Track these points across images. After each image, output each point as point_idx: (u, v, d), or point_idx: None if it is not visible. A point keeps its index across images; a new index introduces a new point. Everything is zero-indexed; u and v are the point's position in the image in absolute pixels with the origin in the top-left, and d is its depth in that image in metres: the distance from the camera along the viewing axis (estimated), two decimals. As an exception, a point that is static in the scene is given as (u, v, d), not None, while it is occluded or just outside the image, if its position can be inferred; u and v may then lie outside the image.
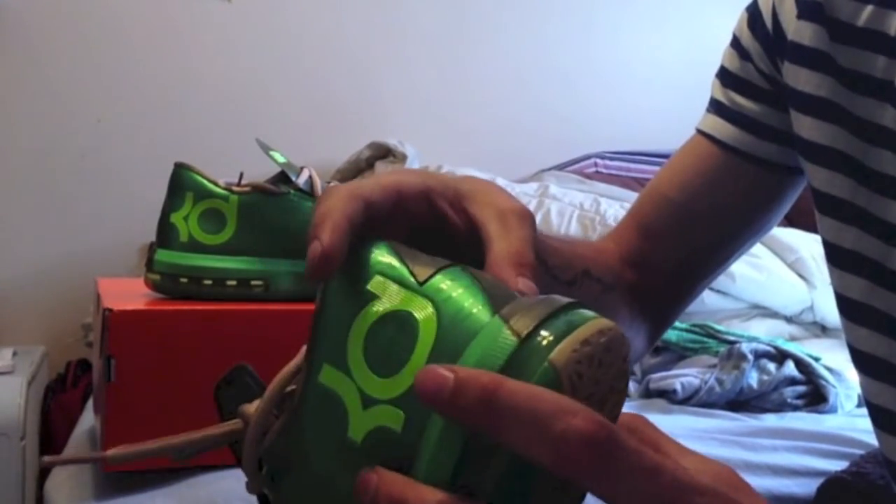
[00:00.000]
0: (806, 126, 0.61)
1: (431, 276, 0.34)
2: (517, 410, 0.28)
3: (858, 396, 1.28)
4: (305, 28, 2.06)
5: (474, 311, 0.32)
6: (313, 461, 0.35)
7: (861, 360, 0.61)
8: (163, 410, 0.81)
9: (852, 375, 1.33)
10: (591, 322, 0.31)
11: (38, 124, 1.89)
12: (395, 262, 0.35)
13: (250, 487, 0.38)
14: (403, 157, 1.95)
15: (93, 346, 1.13)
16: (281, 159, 0.89)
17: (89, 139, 1.92)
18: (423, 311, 0.33)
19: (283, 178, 0.88)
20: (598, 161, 2.13)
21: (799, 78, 0.61)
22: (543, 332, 0.31)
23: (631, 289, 0.66)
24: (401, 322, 0.33)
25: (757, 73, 0.66)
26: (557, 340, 0.30)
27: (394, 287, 0.34)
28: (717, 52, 0.71)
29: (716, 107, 0.69)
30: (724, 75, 0.69)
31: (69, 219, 1.91)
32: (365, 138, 1.99)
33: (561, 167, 2.10)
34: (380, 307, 0.34)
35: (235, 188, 0.87)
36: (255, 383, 0.41)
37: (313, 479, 0.35)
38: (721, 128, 0.67)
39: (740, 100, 0.67)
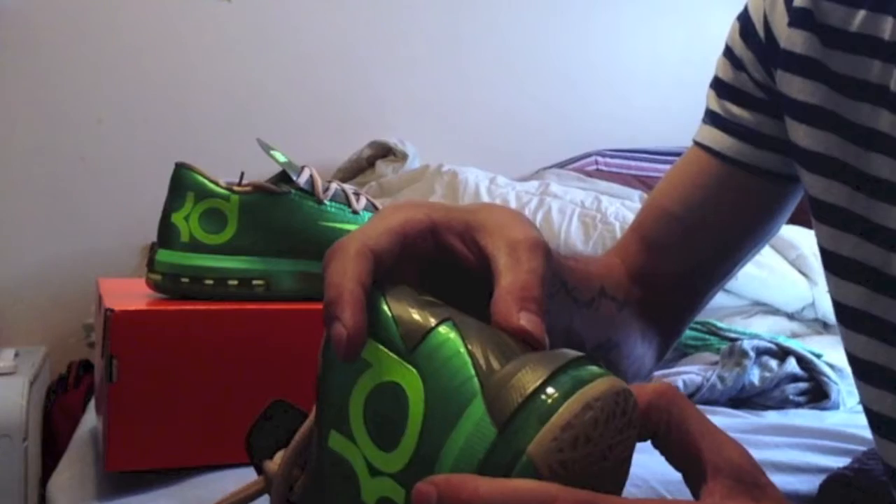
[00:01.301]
0: (801, 134, 0.60)
1: (421, 341, 0.33)
2: None
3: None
4: (305, 28, 2.06)
5: (460, 389, 0.31)
6: None
7: (860, 367, 0.61)
8: (165, 410, 0.81)
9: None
10: (572, 400, 0.30)
11: (38, 124, 1.89)
12: (388, 324, 0.34)
13: None
14: (404, 156, 1.95)
15: (94, 347, 1.13)
16: (282, 159, 0.88)
17: (89, 139, 1.92)
18: (412, 384, 0.32)
19: (283, 177, 0.88)
20: (599, 159, 2.13)
21: (792, 86, 0.61)
22: (521, 420, 0.30)
23: (639, 303, 0.66)
24: (393, 394, 0.33)
25: (751, 82, 0.65)
26: (536, 429, 0.30)
27: (385, 353, 0.34)
28: (717, 49, 0.70)
29: (712, 118, 0.68)
30: (719, 85, 0.68)
31: (70, 219, 1.91)
32: (365, 137, 1.99)
33: (562, 165, 2.10)
34: (374, 377, 0.33)
35: (236, 188, 0.87)
36: (291, 418, 0.40)
37: None
38: (718, 139, 0.67)
39: (736, 110, 0.66)
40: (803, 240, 1.64)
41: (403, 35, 2.14)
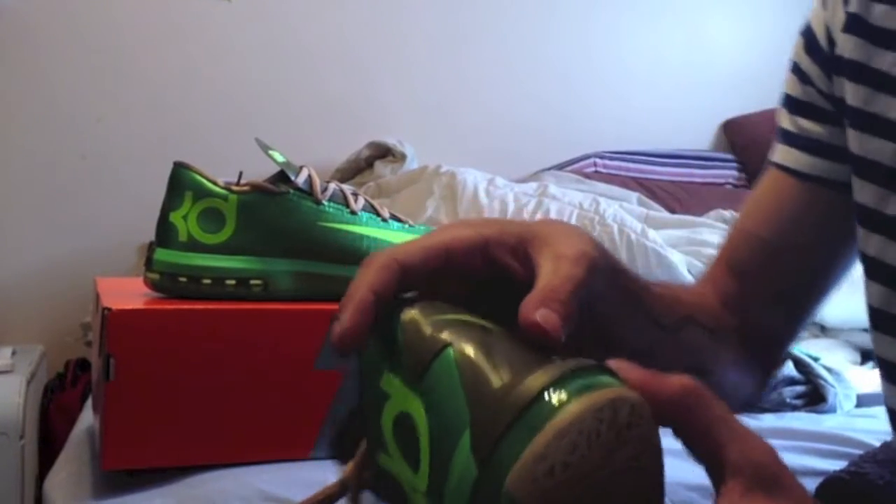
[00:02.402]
0: (852, 140, 0.60)
1: (426, 370, 0.34)
2: None
3: (857, 396, 1.28)
4: (305, 28, 2.06)
5: (454, 421, 0.32)
6: None
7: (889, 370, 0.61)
8: (162, 409, 0.81)
9: (851, 375, 1.33)
10: (546, 429, 0.30)
11: (38, 124, 1.89)
12: (400, 353, 0.36)
13: None
14: (403, 157, 1.95)
15: (92, 346, 1.13)
16: (280, 159, 0.89)
17: (89, 139, 1.92)
18: (418, 414, 0.34)
19: (282, 177, 0.88)
20: (598, 161, 2.14)
21: (846, 91, 0.61)
22: (501, 453, 0.30)
23: (734, 331, 0.65)
24: (408, 422, 0.34)
25: (819, 95, 0.65)
26: (512, 462, 0.30)
27: (398, 384, 0.35)
28: (716, 51, 0.71)
29: (784, 136, 0.68)
30: (789, 102, 0.68)
31: (68, 218, 1.91)
32: (364, 138, 1.99)
33: (560, 167, 2.10)
34: (394, 407, 0.35)
35: (235, 187, 0.87)
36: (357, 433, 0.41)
37: None
38: (793, 157, 0.66)
39: (807, 124, 0.66)
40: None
41: (403, 36, 2.14)
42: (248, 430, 0.84)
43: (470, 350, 0.34)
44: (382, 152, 1.98)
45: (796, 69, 0.67)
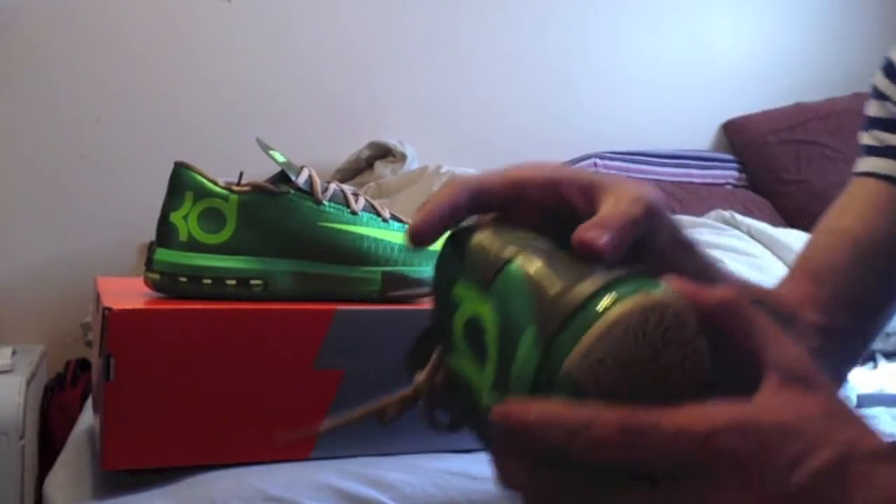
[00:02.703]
0: None
1: (495, 277, 0.38)
2: (551, 434, 0.33)
3: (857, 396, 1.28)
4: (305, 28, 2.06)
5: (520, 318, 0.36)
6: (468, 419, 0.42)
7: None
8: (162, 409, 0.81)
9: (851, 375, 1.32)
10: (603, 319, 0.34)
11: (37, 124, 1.89)
12: (472, 263, 0.40)
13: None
14: (403, 157, 1.95)
15: (92, 346, 1.13)
16: (281, 159, 0.88)
17: (89, 139, 1.92)
18: (488, 315, 0.38)
19: (282, 177, 0.88)
20: (598, 161, 2.14)
21: None
22: (560, 340, 0.34)
23: (815, 328, 0.66)
24: (478, 323, 0.39)
25: None
26: (571, 349, 0.33)
27: (470, 290, 0.39)
28: (716, 51, 0.72)
29: (868, 150, 0.72)
30: (870, 123, 0.73)
31: (69, 218, 1.91)
32: (364, 138, 1.99)
33: (561, 167, 2.10)
34: (465, 311, 0.40)
35: (235, 187, 0.87)
36: (431, 346, 0.46)
37: (473, 431, 0.42)
38: (880, 165, 0.70)
39: (888, 136, 0.71)
40: (801, 244, 1.64)
41: (403, 36, 2.14)
42: (249, 430, 0.84)
43: (535, 261, 0.38)
44: (383, 152, 1.98)
45: (876, 93, 0.72)
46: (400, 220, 0.93)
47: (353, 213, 0.89)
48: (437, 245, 0.44)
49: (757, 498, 0.32)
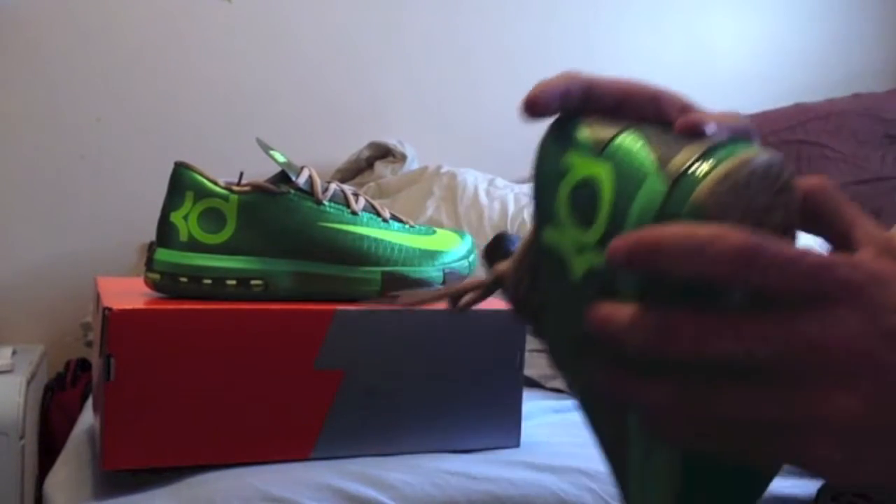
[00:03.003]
0: None
1: (609, 142, 0.41)
2: (679, 249, 0.34)
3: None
4: (305, 28, 2.06)
5: (640, 165, 0.39)
6: (554, 302, 0.45)
7: None
8: (162, 409, 0.81)
9: None
10: (733, 157, 0.37)
11: (38, 124, 1.89)
12: (584, 135, 0.43)
13: (524, 323, 0.50)
14: (403, 157, 1.95)
15: (92, 346, 1.13)
16: (281, 159, 0.89)
17: (89, 139, 1.92)
18: (602, 174, 0.40)
19: (283, 177, 0.88)
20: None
21: None
22: (688, 175, 0.37)
23: None
24: (589, 185, 0.41)
25: None
26: (699, 181, 0.36)
27: (580, 158, 0.42)
28: (715, 52, 0.71)
29: None
30: None
31: (69, 218, 1.91)
32: (365, 138, 1.99)
33: (561, 167, 2.10)
34: (573, 176, 0.42)
35: (235, 187, 0.87)
36: (511, 246, 0.50)
37: (556, 314, 0.45)
38: None
39: None
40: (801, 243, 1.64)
41: (403, 36, 2.14)
42: (249, 430, 0.84)
43: (651, 126, 0.42)
44: (383, 153, 1.98)
45: None
46: (400, 221, 0.93)
47: (354, 213, 0.89)
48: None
49: (867, 331, 0.34)
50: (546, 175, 0.45)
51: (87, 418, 1.09)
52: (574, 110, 0.44)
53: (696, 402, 0.36)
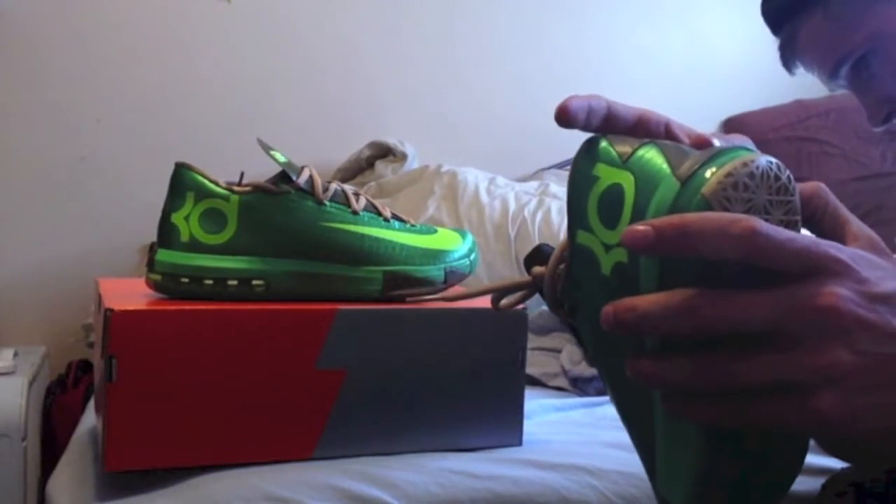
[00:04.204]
0: None
1: (631, 155, 0.47)
2: (702, 230, 0.39)
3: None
4: (305, 28, 2.06)
5: (657, 172, 0.45)
6: (587, 296, 0.50)
7: None
8: (164, 410, 0.81)
9: None
10: (736, 158, 0.42)
11: (38, 124, 1.89)
12: (609, 150, 0.49)
13: (561, 320, 0.56)
14: (403, 157, 1.95)
15: (94, 347, 1.13)
16: (282, 159, 0.88)
17: (89, 139, 1.92)
18: (626, 181, 0.46)
19: (283, 177, 0.88)
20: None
21: None
22: (698, 175, 0.42)
23: None
24: (615, 191, 0.47)
25: None
26: (707, 179, 0.41)
27: (608, 168, 0.48)
28: (713, 51, 0.71)
29: None
30: None
31: (69, 219, 1.91)
32: (365, 138, 1.99)
33: (561, 166, 2.10)
34: (601, 185, 0.48)
35: (236, 188, 0.87)
36: (549, 252, 0.55)
37: (590, 308, 0.49)
38: None
39: None
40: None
41: (403, 36, 2.14)
42: (251, 430, 0.84)
43: (664, 143, 0.47)
44: (383, 152, 1.98)
45: None
46: (401, 220, 0.93)
47: (354, 212, 0.89)
48: (443, 237, 0.48)
49: (853, 296, 0.40)
50: (578, 185, 0.50)
51: (89, 419, 1.09)
52: (597, 129, 0.51)
53: (714, 374, 0.40)
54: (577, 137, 0.53)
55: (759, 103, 2.28)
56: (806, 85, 2.38)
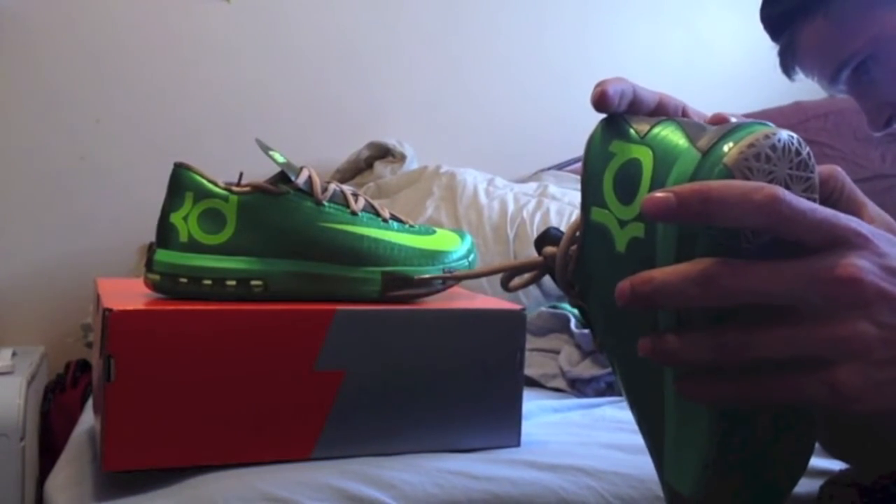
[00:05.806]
0: None
1: (649, 131, 0.47)
2: (725, 197, 0.39)
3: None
4: (304, 28, 2.06)
5: (676, 145, 0.44)
6: (599, 275, 0.49)
7: None
8: (163, 410, 0.81)
9: None
10: (758, 131, 0.42)
11: (37, 124, 1.89)
12: (627, 128, 0.48)
13: (570, 301, 0.54)
14: (402, 157, 1.95)
15: (93, 347, 1.13)
16: (280, 159, 0.89)
17: (89, 139, 1.92)
18: (644, 155, 0.46)
19: (282, 177, 0.88)
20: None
21: None
22: (718, 146, 0.42)
23: None
24: (632, 165, 0.46)
25: None
26: (728, 151, 0.41)
27: (625, 145, 0.47)
28: (714, 51, 0.71)
29: None
30: None
31: (69, 219, 1.91)
32: (364, 138, 1.99)
33: (560, 167, 2.10)
34: (619, 160, 0.47)
35: (235, 188, 0.87)
36: (559, 235, 0.54)
37: (602, 288, 0.48)
38: None
39: None
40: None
41: (402, 36, 2.14)
42: (249, 430, 0.84)
43: (683, 120, 0.47)
44: (382, 153, 1.98)
45: None
46: (400, 220, 0.93)
47: (353, 213, 0.89)
48: (446, 237, 0.47)
49: (872, 268, 0.40)
50: (594, 161, 0.49)
51: (88, 419, 1.09)
52: (624, 112, 0.50)
53: (733, 348, 0.40)
54: (577, 138, 0.53)
55: (759, 105, 2.28)
56: (805, 87, 2.38)
